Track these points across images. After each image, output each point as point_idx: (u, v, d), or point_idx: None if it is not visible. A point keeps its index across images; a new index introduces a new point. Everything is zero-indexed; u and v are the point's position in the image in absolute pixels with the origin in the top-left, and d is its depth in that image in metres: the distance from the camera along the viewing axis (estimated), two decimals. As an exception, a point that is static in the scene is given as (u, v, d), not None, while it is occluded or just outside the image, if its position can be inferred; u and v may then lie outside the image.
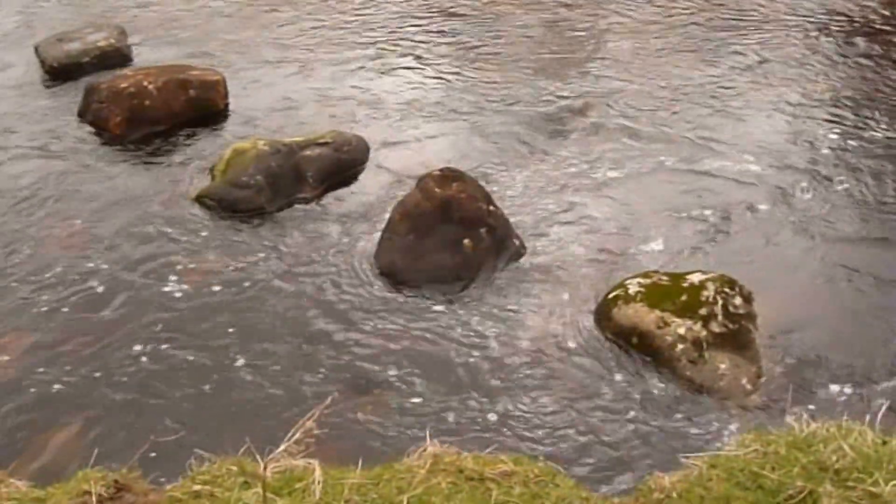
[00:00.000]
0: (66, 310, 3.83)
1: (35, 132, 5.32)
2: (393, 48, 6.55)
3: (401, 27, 6.91)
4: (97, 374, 3.48)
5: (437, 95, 5.87)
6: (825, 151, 5.25)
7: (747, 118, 5.61)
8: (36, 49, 6.22)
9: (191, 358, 3.59)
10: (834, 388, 3.49)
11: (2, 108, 5.58)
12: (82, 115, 5.49)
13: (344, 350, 3.66)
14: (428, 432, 2.76)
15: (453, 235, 4.17)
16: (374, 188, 4.86)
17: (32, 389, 3.40)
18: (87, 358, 3.56)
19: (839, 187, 4.87)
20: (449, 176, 4.34)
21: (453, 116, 5.63)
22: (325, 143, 5.01)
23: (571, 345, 3.72)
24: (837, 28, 6.90)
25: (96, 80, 5.60)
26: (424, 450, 2.58)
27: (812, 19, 7.04)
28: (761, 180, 4.95)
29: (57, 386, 3.43)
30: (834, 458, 2.43)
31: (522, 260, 4.27)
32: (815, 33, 6.83)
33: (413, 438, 3.04)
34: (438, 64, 6.33)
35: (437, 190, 4.26)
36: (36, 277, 4.04)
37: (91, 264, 4.13)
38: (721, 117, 5.62)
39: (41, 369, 3.50)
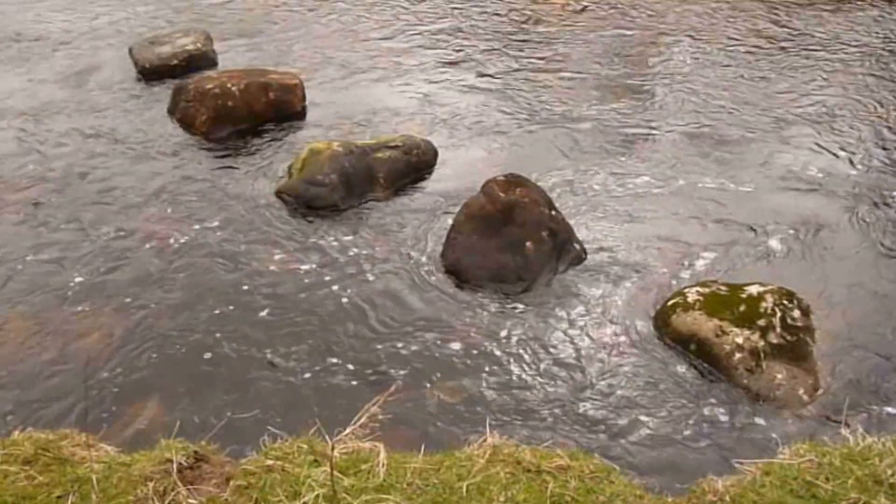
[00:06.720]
0: (151, 293, 4.07)
1: (128, 127, 5.66)
2: (463, 59, 6.74)
3: (469, 41, 7.09)
4: (181, 354, 3.69)
5: (503, 106, 6.01)
6: (889, 172, 5.17)
7: (810, 138, 5.57)
8: (130, 51, 6.63)
9: (266, 342, 3.76)
10: (891, 403, 3.44)
11: (100, 104, 5.96)
12: (171, 112, 5.82)
13: (409, 342, 3.79)
14: (488, 424, 2.88)
15: (516, 238, 4.26)
16: (441, 190, 5.00)
17: (123, 365, 3.61)
18: (172, 338, 3.77)
19: (902, 207, 4.80)
20: (513, 181, 4.44)
21: (517, 125, 5.75)
22: (396, 147, 5.17)
23: (629, 348, 3.77)
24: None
25: (184, 81, 5.94)
26: (484, 440, 2.68)
27: (872, 46, 6.92)
28: (822, 197, 4.91)
29: (145, 362, 3.63)
30: (889, 472, 2.44)
31: (583, 264, 4.34)
32: (875, 60, 6.70)
33: (472, 429, 3.13)
34: (505, 76, 6.48)
35: (501, 194, 4.37)
36: (123, 261, 4.29)
37: (176, 251, 4.37)
38: (783, 136, 5.60)
39: (132, 347, 3.72)
